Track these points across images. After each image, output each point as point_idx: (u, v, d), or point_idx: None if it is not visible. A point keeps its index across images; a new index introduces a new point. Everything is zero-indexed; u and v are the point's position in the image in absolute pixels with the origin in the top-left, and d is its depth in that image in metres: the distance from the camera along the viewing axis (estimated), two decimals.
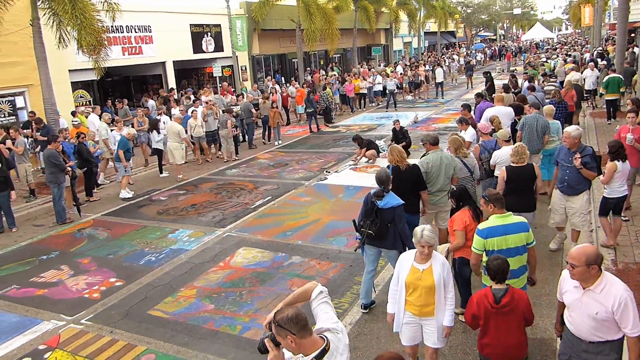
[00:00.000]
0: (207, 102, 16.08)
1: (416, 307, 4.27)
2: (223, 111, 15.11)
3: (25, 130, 13.27)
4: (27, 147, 12.58)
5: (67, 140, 11.46)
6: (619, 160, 6.59)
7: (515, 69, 30.23)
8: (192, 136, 14.43)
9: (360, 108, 23.92)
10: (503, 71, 36.49)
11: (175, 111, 14.86)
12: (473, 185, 7.18)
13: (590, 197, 7.08)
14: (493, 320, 3.83)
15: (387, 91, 23.54)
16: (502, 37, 78.24)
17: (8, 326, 6.30)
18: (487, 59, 50.53)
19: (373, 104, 24.72)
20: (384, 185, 5.58)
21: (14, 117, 14.87)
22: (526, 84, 14.21)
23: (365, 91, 23.87)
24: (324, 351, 2.70)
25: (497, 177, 6.99)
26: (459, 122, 9.38)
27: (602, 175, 6.77)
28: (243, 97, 17.29)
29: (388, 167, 6.36)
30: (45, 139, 11.75)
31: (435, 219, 6.89)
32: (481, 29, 65.57)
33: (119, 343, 5.73)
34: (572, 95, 13.28)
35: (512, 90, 13.08)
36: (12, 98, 14.93)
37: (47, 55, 13.13)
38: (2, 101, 14.70)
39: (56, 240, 9.34)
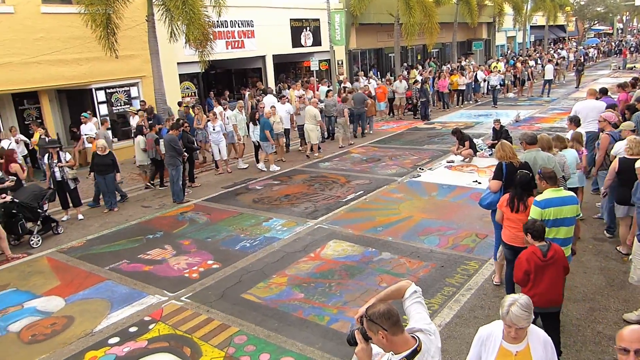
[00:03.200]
0: (300, 97, 16.45)
1: None
2: (343, 100, 15.93)
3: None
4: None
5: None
6: None
7: (635, 66, 27.72)
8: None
9: (457, 105, 23.20)
10: (619, 68, 33.67)
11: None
12: (563, 186, 6.80)
13: None
14: (541, 273, 4.44)
15: (490, 87, 22.65)
16: (619, 32, 71.86)
17: (119, 297, 6.89)
18: (601, 55, 46.82)
19: (471, 101, 23.87)
20: None
21: (128, 106, 16.14)
22: None
23: (464, 87, 23.09)
24: (415, 352, 2.66)
25: None
26: (569, 121, 8.88)
27: None
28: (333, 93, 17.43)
29: (500, 164, 6.09)
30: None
31: None
32: (595, 22, 60.67)
33: (214, 322, 6.05)
34: None
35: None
36: (128, 88, 16.21)
37: (159, 49, 14.12)
38: (119, 91, 16.00)
39: (161, 222, 10.03)
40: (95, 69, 14.69)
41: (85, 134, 13.59)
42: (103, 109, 15.43)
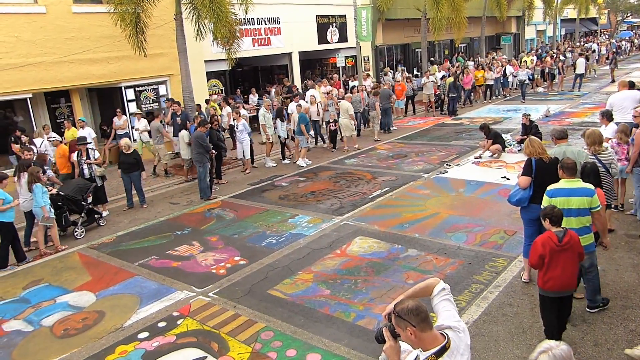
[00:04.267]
0: (327, 93, 16.42)
1: None
2: (373, 94, 16.19)
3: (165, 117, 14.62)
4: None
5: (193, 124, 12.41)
6: None
7: None
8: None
9: (485, 100, 22.82)
10: None
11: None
12: (610, 182, 6.66)
13: None
14: (556, 257, 4.59)
15: (518, 81, 22.26)
16: None
17: (149, 292, 7.00)
18: (635, 49, 45.44)
19: (499, 96, 23.46)
20: None
21: (157, 104, 16.39)
22: None
23: (492, 82, 22.70)
24: (444, 349, 2.63)
25: None
26: (601, 115, 8.66)
27: None
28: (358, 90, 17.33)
29: (530, 160, 5.93)
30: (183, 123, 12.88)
31: None
32: (629, 14, 58.87)
33: (241, 318, 6.09)
34: None
35: None
36: (156, 86, 16.45)
37: (186, 47, 14.27)
38: (148, 89, 16.25)
39: (189, 218, 10.16)
40: (125, 68, 14.95)
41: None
42: (132, 107, 15.69)
